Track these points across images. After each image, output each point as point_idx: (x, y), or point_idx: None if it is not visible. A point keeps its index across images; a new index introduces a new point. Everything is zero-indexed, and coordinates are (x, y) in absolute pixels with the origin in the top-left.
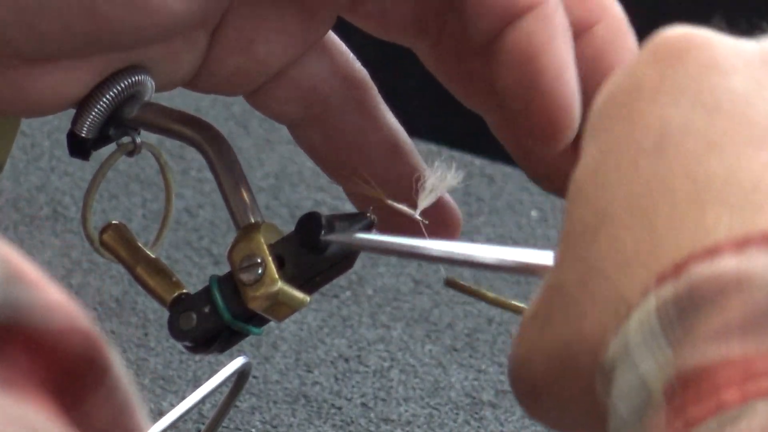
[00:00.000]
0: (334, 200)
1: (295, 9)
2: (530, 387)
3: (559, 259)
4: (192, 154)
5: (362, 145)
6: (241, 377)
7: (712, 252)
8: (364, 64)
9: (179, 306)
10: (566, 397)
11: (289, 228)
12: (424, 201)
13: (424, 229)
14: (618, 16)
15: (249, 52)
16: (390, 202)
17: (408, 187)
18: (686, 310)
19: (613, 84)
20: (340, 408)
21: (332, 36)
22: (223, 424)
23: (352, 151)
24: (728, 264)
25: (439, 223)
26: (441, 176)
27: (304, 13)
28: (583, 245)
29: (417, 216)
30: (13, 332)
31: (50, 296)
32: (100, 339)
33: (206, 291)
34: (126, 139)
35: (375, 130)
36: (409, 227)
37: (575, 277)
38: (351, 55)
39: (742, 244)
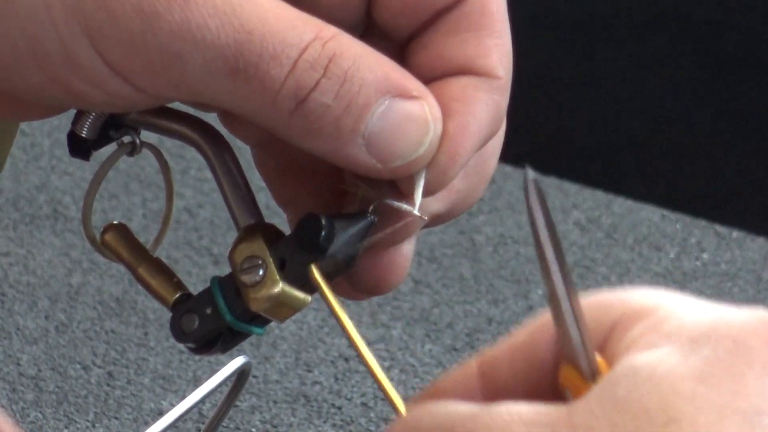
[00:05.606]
0: None
1: None
2: None
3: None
4: (192, 154)
5: None
6: (241, 377)
7: None
8: None
9: (181, 307)
10: None
11: (288, 228)
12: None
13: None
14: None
15: None
16: (388, 201)
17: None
18: None
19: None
20: (340, 408)
21: None
22: (223, 424)
23: None
24: None
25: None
26: None
27: None
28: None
29: (416, 212)
30: None
31: None
32: None
33: (208, 292)
34: (126, 139)
35: None
36: (409, 224)
37: None
38: None
39: None
